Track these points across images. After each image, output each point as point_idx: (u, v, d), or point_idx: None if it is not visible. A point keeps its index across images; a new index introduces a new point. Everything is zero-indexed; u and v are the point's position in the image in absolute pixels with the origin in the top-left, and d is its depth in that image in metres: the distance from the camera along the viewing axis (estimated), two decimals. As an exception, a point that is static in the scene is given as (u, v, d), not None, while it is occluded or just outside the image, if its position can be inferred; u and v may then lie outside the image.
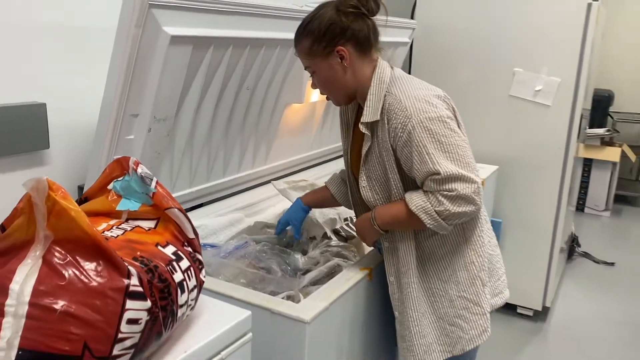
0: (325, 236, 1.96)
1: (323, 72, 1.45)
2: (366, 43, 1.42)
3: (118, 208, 1.06)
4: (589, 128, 4.84)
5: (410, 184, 1.44)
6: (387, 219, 1.46)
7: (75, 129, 1.76)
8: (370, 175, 1.48)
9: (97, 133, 1.49)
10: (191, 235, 1.11)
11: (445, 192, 1.33)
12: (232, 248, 1.81)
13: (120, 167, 1.08)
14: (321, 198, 1.84)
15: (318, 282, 1.69)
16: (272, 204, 2.23)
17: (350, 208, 1.77)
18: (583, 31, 2.61)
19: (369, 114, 1.40)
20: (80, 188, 1.72)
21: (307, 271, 1.71)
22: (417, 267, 1.49)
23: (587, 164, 4.90)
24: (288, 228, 1.87)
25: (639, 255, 4.14)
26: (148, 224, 1.07)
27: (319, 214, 2.01)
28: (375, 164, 1.46)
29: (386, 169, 1.44)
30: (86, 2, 1.72)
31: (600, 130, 4.86)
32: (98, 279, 0.81)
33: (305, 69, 1.50)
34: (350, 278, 1.52)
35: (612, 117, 5.28)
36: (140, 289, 0.85)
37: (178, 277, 0.98)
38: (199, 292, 1.08)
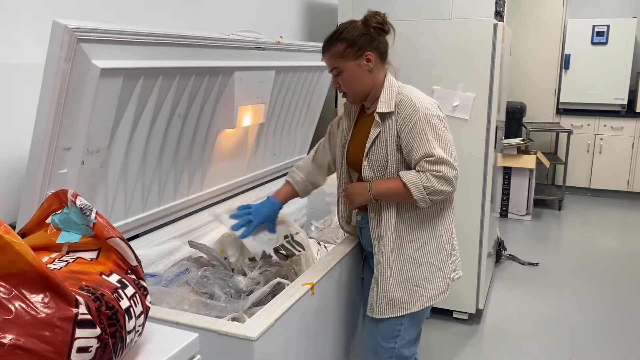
0: (265, 256, 2.00)
1: (351, 71, 1.77)
2: (384, 54, 1.82)
3: (58, 241, 1.06)
4: (506, 138, 5.17)
5: (404, 166, 1.77)
6: (381, 189, 1.77)
7: (4, 165, 1.72)
8: (372, 157, 1.79)
9: (28, 169, 1.47)
10: (134, 263, 1.13)
11: (434, 172, 1.67)
12: (173, 275, 1.82)
13: (59, 200, 1.09)
14: (287, 193, 2.14)
15: (261, 302, 1.73)
16: (211, 229, 2.25)
17: (306, 195, 2.18)
18: (492, 49, 2.82)
19: (384, 106, 1.75)
20: (12, 226, 1.67)
21: (250, 292, 1.74)
22: (394, 234, 1.80)
23: (507, 172, 5.21)
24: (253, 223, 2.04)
25: (560, 255, 4.44)
26: (90, 255, 1.07)
27: (254, 242, 2.04)
28: (380, 147, 1.77)
29: (387, 152, 1.76)
30: (13, 38, 1.70)
31: (516, 140, 5.19)
32: (46, 310, 0.82)
33: (330, 71, 1.82)
34: (293, 294, 1.57)
35: (525, 127, 5.66)
36: (89, 316, 0.87)
37: (125, 304, 0.99)
38: (145, 318, 1.09)
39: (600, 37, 5.83)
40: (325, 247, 2.43)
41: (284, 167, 3.00)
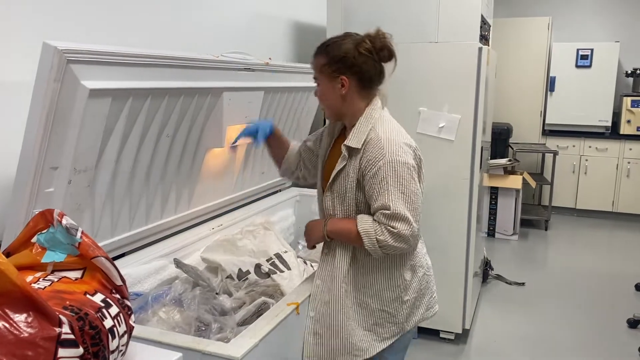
0: (242, 274, 2.01)
1: (324, 87, 1.69)
2: (368, 82, 1.67)
3: (43, 260, 1.07)
4: (492, 159, 5.23)
5: (362, 207, 1.66)
6: (336, 228, 1.68)
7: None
8: (334, 188, 1.70)
9: (15, 187, 1.47)
10: (119, 282, 1.13)
11: (389, 227, 1.55)
12: (157, 295, 1.81)
13: (45, 219, 1.10)
14: (282, 144, 2.01)
15: (246, 322, 1.74)
16: (197, 248, 2.25)
17: (286, 163, 2.01)
18: (477, 72, 2.88)
19: (353, 141, 1.64)
20: (-4, 245, 1.67)
21: (235, 311, 1.75)
22: (347, 277, 1.69)
23: (494, 192, 5.27)
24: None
25: (546, 274, 4.47)
26: (75, 274, 1.08)
27: (231, 263, 2.06)
28: (342, 180, 1.67)
29: (347, 188, 1.66)
30: (1, 55, 1.71)
31: (503, 161, 5.26)
32: (29, 330, 0.83)
33: (313, 78, 1.72)
34: (278, 314, 1.58)
35: (512, 148, 5.74)
36: (72, 336, 0.87)
37: (108, 323, 1.00)
38: (129, 338, 1.09)
39: (584, 60, 5.96)
40: (312, 266, 2.44)
41: (272, 186, 3.02)
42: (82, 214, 1.73)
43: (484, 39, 3.11)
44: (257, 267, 2.09)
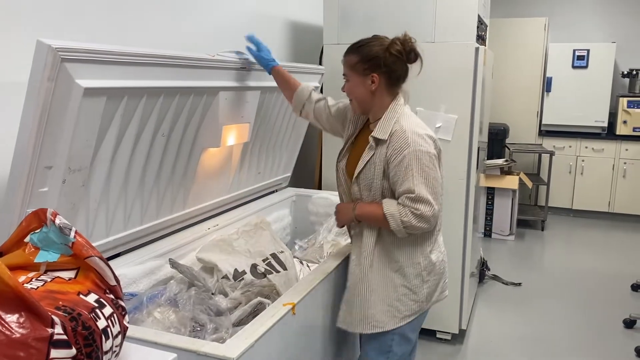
0: (238, 274, 2.00)
1: (354, 83, 1.87)
2: (395, 80, 1.85)
3: (36, 260, 1.06)
4: (489, 159, 5.23)
5: (388, 192, 1.82)
6: (364, 212, 1.86)
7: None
8: (361, 176, 1.86)
9: (9, 187, 1.46)
10: (113, 283, 1.13)
11: (413, 209, 1.73)
12: (152, 295, 1.80)
13: (38, 219, 1.09)
14: (286, 80, 2.23)
15: (242, 322, 1.73)
16: (193, 249, 2.24)
17: (293, 107, 2.25)
18: (473, 72, 2.87)
19: (380, 132, 1.82)
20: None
21: (231, 311, 1.74)
22: (373, 253, 1.86)
23: (490, 192, 5.27)
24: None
25: (542, 274, 4.47)
26: (68, 274, 1.07)
27: (226, 263, 2.05)
28: (369, 169, 1.84)
29: (374, 175, 1.82)
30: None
31: (499, 161, 5.26)
32: (21, 330, 0.82)
33: (342, 75, 1.90)
34: (274, 314, 1.57)
35: (508, 148, 5.74)
36: (64, 337, 0.86)
37: (102, 324, 0.99)
38: (123, 338, 1.09)
39: (580, 61, 5.97)
40: (308, 266, 2.44)
41: (269, 186, 3.01)
42: (76, 214, 1.72)
43: (481, 39, 3.11)
44: (253, 267, 2.08)
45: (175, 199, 2.22)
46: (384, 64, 1.80)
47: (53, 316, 0.86)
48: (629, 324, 3.49)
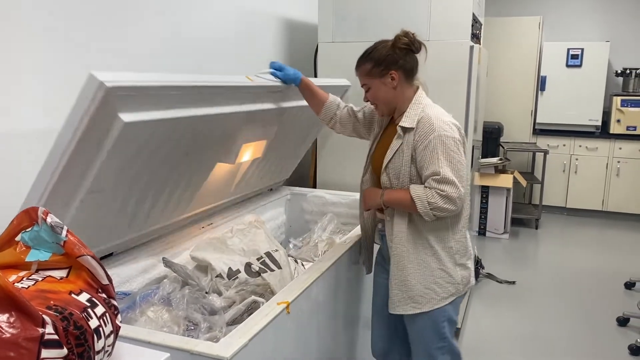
0: (232, 273, 1.99)
1: (376, 88, 1.95)
2: (410, 71, 1.95)
3: (27, 259, 1.05)
4: (483, 158, 5.24)
5: (416, 177, 1.89)
6: (391, 197, 1.93)
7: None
8: (390, 165, 1.94)
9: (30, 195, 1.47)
10: (105, 282, 1.12)
11: (439, 191, 1.79)
12: (145, 295, 1.79)
13: (29, 217, 1.07)
14: (314, 91, 2.25)
15: (236, 321, 1.72)
16: (187, 247, 2.23)
17: (324, 112, 2.25)
18: (468, 70, 2.87)
19: (407, 122, 1.89)
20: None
21: (225, 310, 1.73)
22: (407, 239, 1.92)
23: (485, 191, 5.28)
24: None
25: (537, 273, 4.49)
26: (60, 273, 1.06)
27: (220, 261, 2.04)
28: (398, 157, 1.91)
29: (402, 162, 1.90)
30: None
31: (493, 160, 5.27)
32: (11, 330, 0.81)
33: (362, 86, 1.99)
34: (268, 313, 1.56)
35: (503, 147, 5.75)
36: (55, 337, 0.85)
37: (94, 323, 0.98)
38: (115, 338, 1.08)
39: (574, 59, 5.99)
40: (303, 265, 2.43)
41: (269, 187, 2.99)
42: (85, 226, 1.68)
43: (476, 37, 3.11)
44: (248, 266, 2.07)
45: (179, 205, 2.18)
46: (396, 59, 1.89)
47: (44, 316, 0.85)
48: (623, 321, 3.51)
